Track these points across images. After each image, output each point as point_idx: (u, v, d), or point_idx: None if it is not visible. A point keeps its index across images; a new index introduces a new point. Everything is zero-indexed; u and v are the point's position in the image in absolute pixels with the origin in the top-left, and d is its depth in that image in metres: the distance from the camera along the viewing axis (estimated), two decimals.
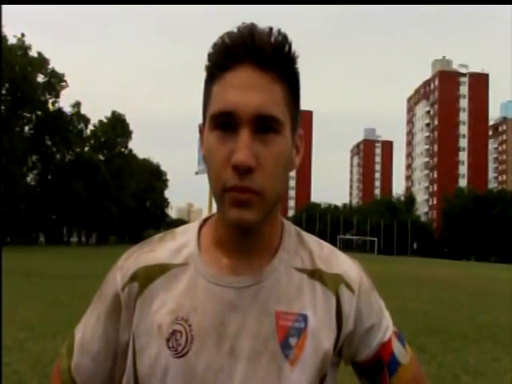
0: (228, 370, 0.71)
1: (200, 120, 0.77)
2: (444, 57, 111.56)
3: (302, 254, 0.79)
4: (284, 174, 0.72)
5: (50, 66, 50.98)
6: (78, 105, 57.43)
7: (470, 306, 11.43)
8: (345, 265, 0.81)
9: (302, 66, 0.71)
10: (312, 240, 0.83)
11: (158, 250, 0.80)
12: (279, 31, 0.68)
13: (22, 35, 46.75)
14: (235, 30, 0.68)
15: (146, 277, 0.77)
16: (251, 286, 0.74)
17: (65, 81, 52.60)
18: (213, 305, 0.74)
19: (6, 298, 8.24)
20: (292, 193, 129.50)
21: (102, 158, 65.40)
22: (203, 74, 0.73)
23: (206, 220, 0.84)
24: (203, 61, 0.71)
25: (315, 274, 0.78)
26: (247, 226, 0.69)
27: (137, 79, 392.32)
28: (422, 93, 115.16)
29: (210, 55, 0.70)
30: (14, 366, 4.89)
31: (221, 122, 0.68)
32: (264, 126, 0.68)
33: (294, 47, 0.69)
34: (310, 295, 0.76)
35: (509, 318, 9.56)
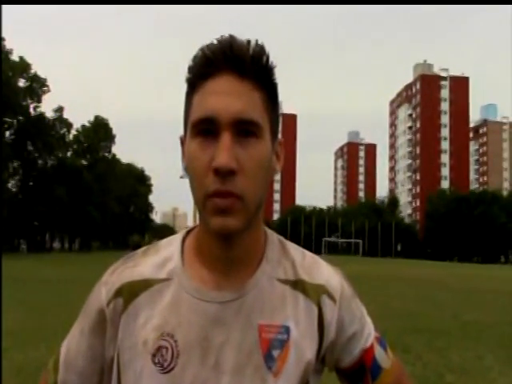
0: (213, 383, 0.72)
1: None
2: (425, 61, 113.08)
3: (285, 264, 0.80)
4: (265, 178, 0.72)
5: (32, 71, 50.46)
6: (60, 109, 56.87)
7: (454, 305, 11.56)
8: (326, 274, 0.82)
9: (286, 69, 0.78)
10: (295, 249, 0.84)
11: (142, 264, 0.80)
12: (257, 42, 0.70)
13: (2, 39, 46.10)
14: (214, 41, 0.70)
15: (130, 293, 0.77)
16: (235, 300, 0.75)
17: (47, 85, 52.09)
18: (197, 319, 0.74)
19: None
20: (277, 196, 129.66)
21: (84, 163, 64.75)
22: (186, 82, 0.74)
23: (189, 232, 0.84)
24: (188, 65, 0.72)
25: (298, 285, 0.79)
26: (230, 233, 0.69)
27: (121, 83, 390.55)
28: (404, 96, 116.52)
29: (190, 68, 0.72)
30: None
31: (202, 129, 0.69)
32: (244, 130, 0.69)
33: (271, 58, 0.71)
34: (293, 306, 0.77)
35: (492, 316, 9.69)
